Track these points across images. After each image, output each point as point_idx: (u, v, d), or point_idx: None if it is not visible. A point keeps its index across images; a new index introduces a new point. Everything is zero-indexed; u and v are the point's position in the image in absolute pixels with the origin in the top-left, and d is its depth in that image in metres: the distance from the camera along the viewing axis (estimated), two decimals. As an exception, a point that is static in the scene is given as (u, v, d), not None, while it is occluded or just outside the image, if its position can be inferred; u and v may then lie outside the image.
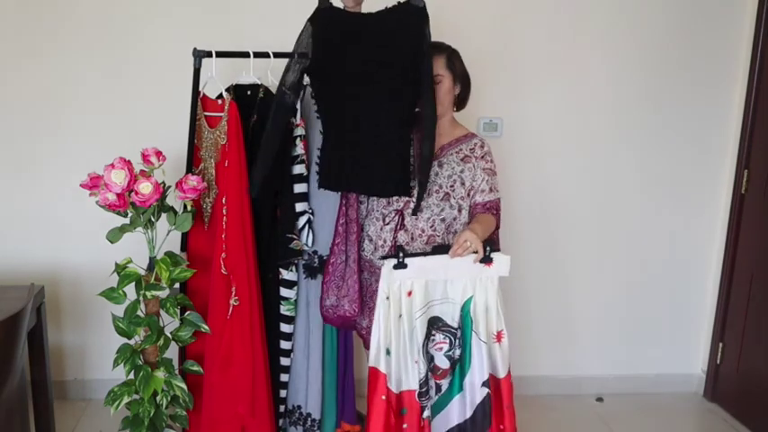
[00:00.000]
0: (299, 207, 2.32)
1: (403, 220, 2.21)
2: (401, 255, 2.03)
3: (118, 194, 2.10)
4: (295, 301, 2.39)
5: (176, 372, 2.32)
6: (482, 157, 2.23)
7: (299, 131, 2.30)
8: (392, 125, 2.08)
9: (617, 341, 3.27)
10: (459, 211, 2.23)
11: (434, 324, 2.13)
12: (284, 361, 2.44)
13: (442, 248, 2.08)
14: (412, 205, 2.19)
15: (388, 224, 2.24)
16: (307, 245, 2.34)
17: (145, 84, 2.83)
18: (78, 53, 2.79)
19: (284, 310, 2.39)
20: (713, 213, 3.19)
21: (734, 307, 3.12)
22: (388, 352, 2.08)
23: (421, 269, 2.05)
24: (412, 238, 2.22)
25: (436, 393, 2.17)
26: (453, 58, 2.19)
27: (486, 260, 2.05)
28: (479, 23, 2.90)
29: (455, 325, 2.13)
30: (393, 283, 2.04)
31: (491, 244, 2.07)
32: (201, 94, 2.33)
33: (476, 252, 2.01)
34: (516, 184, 2.99)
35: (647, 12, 2.96)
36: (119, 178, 2.09)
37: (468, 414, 2.17)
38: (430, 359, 2.14)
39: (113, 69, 2.81)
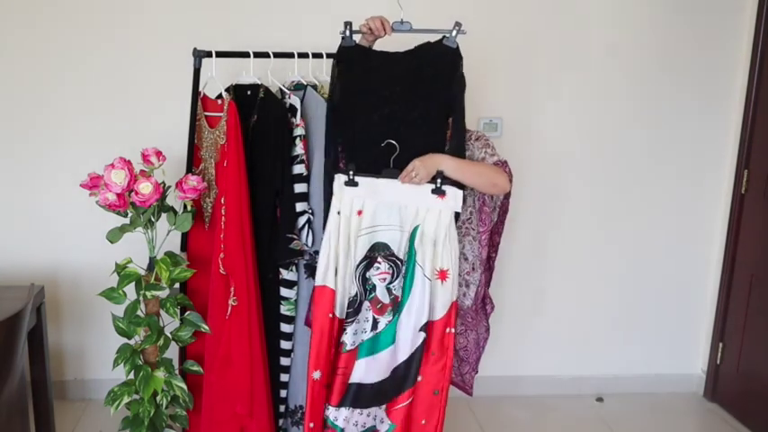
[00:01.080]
0: (299, 207, 2.32)
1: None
2: (351, 172, 1.99)
3: (118, 194, 2.10)
4: (295, 301, 2.39)
5: (176, 372, 2.32)
6: (477, 138, 2.13)
7: (299, 131, 2.30)
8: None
9: (617, 341, 3.27)
10: None
11: (381, 250, 2.06)
12: (284, 361, 2.44)
13: (392, 172, 2.02)
14: None
15: None
16: (307, 245, 2.34)
17: (145, 84, 2.83)
18: (78, 53, 2.79)
19: (284, 310, 2.39)
20: (713, 213, 3.19)
21: (734, 307, 3.12)
22: (336, 271, 2.05)
23: (372, 189, 2.02)
24: None
25: (372, 329, 2.09)
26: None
27: (439, 192, 2.00)
28: (480, 23, 2.89)
29: (401, 256, 2.06)
30: (343, 199, 2.02)
31: (441, 174, 1.99)
32: (201, 94, 2.33)
33: (430, 182, 1.98)
34: (516, 183, 2.97)
35: (647, 12, 2.96)
36: (119, 178, 2.09)
37: (397, 363, 2.08)
38: (371, 288, 2.08)
39: (113, 69, 2.81)
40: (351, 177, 2.01)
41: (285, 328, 2.40)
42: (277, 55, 2.33)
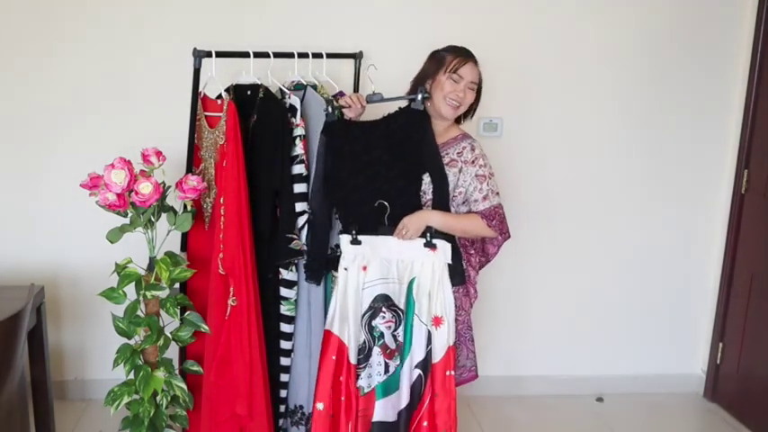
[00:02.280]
0: (299, 207, 2.32)
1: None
2: (353, 232, 2.20)
3: (118, 194, 2.10)
4: (295, 301, 2.39)
5: (176, 372, 2.32)
6: (473, 161, 2.22)
7: (299, 131, 2.30)
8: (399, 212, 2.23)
9: (617, 341, 3.27)
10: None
11: (385, 301, 2.22)
12: (284, 361, 2.44)
13: (387, 230, 2.21)
14: None
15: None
16: (307, 245, 2.34)
17: (145, 84, 2.82)
18: (78, 53, 2.79)
19: (284, 310, 2.39)
20: (713, 213, 3.19)
21: (734, 307, 3.12)
22: (345, 321, 2.22)
23: (373, 246, 2.21)
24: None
25: (385, 373, 2.23)
26: (481, 76, 2.28)
27: (430, 245, 2.18)
28: (480, 23, 2.89)
29: (402, 307, 2.23)
30: (349, 256, 2.22)
31: (430, 230, 2.18)
32: (202, 94, 2.33)
33: (421, 236, 2.17)
34: (516, 184, 2.99)
35: (647, 12, 2.96)
36: (119, 178, 2.09)
37: (402, 406, 2.24)
38: (379, 335, 2.23)
39: (113, 69, 2.81)
40: (354, 236, 2.21)
41: (285, 328, 2.40)
42: (277, 55, 2.34)
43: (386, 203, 2.19)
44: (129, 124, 2.83)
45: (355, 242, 2.21)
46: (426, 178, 2.20)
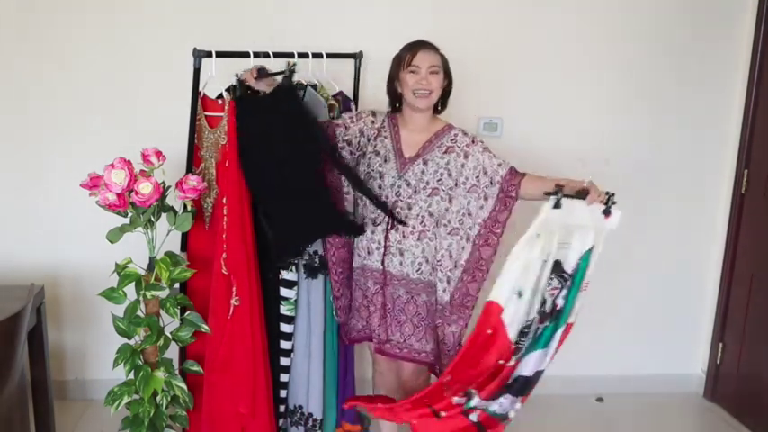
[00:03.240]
0: (300, 207, 2.32)
1: (393, 219, 2.25)
2: (559, 194, 2.10)
3: (118, 194, 2.10)
4: (295, 301, 2.39)
5: (176, 372, 2.32)
6: (472, 143, 2.27)
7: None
8: (311, 179, 2.23)
9: (617, 341, 3.26)
10: (450, 201, 2.25)
11: (555, 268, 2.16)
12: (284, 361, 2.44)
13: (579, 194, 2.14)
14: (399, 204, 2.25)
15: (378, 225, 2.26)
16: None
17: (145, 84, 2.82)
18: (78, 53, 2.79)
19: (284, 310, 2.39)
20: (713, 213, 3.19)
21: (734, 307, 3.12)
22: (519, 294, 2.09)
23: (569, 212, 2.12)
24: (404, 236, 2.24)
25: (534, 336, 2.19)
26: (444, 57, 2.28)
27: (607, 212, 2.12)
28: (480, 24, 2.90)
29: (570, 271, 2.16)
30: (548, 224, 2.10)
31: (612, 196, 2.13)
32: (202, 94, 2.33)
33: (604, 203, 2.13)
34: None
35: (647, 12, 2.96)
36: (119, 178, 2.09)
37: (542, 366, 2.23)
38: (542, 302, 2.16)
39: (113, 69, 2.81)
40: (559, 198, 2.11)
41: (285, 328, 2.40)
42: (277, 55, 2.34)
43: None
44: (129, 124, 2.83)
45: (557, 205, 2.11)
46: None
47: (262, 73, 2.17)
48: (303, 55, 2.41)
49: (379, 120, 2.33)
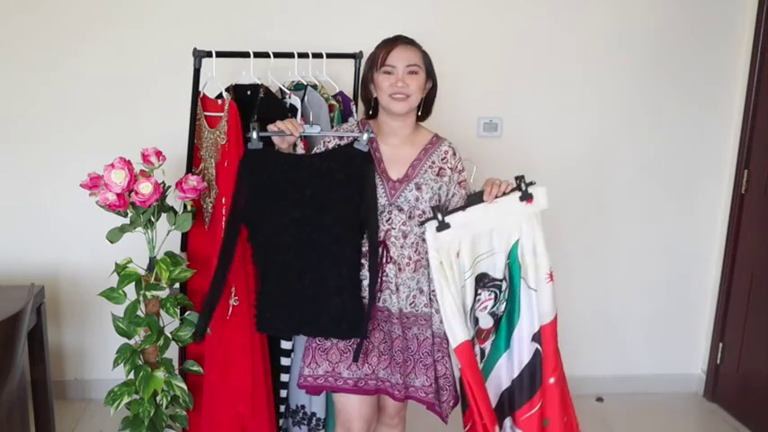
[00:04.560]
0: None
1: (388, 251, 1.99)
2: (439, 215, 1.91)
3: (118, 194, 2.10)
4: (295, 301, 2.39)
5: (176, 372, 2.32)
6: (455, 167, 2.04)
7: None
8: (339, 270, 1.97)
9: (617, 341, 3.27)
10: None
11: (480, 281, 2.00)
12: (285, 361, 2.44)
13: (474, 197, 1.98)
14: (393, 233, 1.98)
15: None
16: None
17: (145, 84, 2.83)
18: (78, 53, 2.79)
19: (284, 310, 2.39)
20: (713, 213, 3.19)
21: (734, 307, 3.12)
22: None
23: (464, 224, 1.94)
24: (400, 269, 2.00)
25: (481, 360, 2.04)
26: (427, 55, 2.02)
27: (526, 197, 1.95)
28: (481, 23, 2.90)
29: (500, 276, 2.01)
30: (441, 248, 1.93)
31: (523, 179, 1.95)
32: (201, 94, 2.33)
33: (514, 189, 1.94)
34: (516, 184, 2.99)
35: (647, 12, 2.96)
36: (119, 178, 2.09)
37: (516, 373, 2.06)
38: (475, 322, 2.02)
39: (113, 69, 2.81)
40: (441, 220, 1.91)
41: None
42: (277, 55, 2.33)
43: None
44: (129, 124, 2.84)
45: (443, 227, 1.91)
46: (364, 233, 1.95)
47: (310, 130, 1.99)
48: (303, 55, 2.41)
49: (349, 130, 2.06)
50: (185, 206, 2.30)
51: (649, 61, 3.01)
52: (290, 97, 2.33)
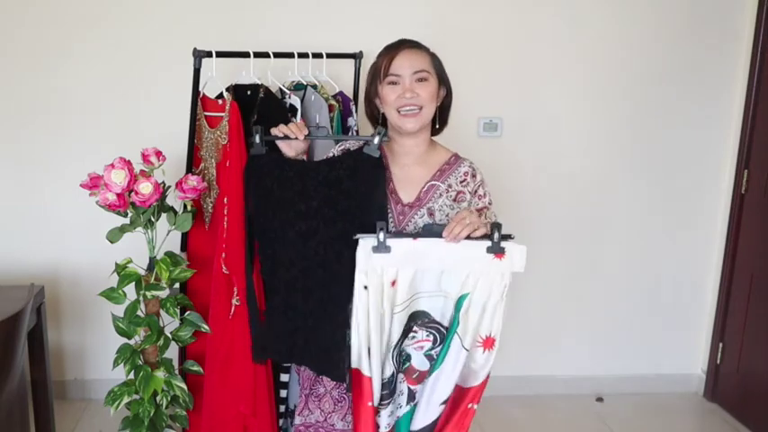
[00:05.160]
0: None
1: None
2: (381, 234, 1.61)
3: (118, 194, 2.10)
4: (295, 301, 2.39)
5: (176, 372, 2.32)
6: (475, 191, 1.79)
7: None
8: (349, 295, 1.74)
9: (617, 341, 3.27)
10: None
11: (417, 319, 1.72)
12: (284, 361, 2.44)
13: (435, 228, 1.66)
14: None
15: None
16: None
17: (145, 84, 2.83)
18: (78, 53, 2.79)
19: (284, 310, 2.39)
20: (713, 213, 3.19)
21: (734, 307, 3.12)
22: (369, 353, 1.71)
23: (409, 255, 1.64)
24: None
25: (408, 402, 1.78)
26: (437, 58, 1.81)
27: (496, 249, 1.63)
28: (481, 23, 2.90)
29: (445, 323, 1.73)
30: (373, 271, 1.65)
31: (499, 228, 1.62)
32: (201, 94, 2.33)
33: (484, 236, 1.62)
34: (515, 183, 2.99)
35: (646, 12, 2.96)
36: (119, 178, 2.09)
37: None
38: (406, 358, 1.77)
39: (113, 69, 2.81)
40: (382, 241, 1.62)
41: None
42: (277, 55, 2.33)
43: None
44: (129, 124, 2.84)
45: (382, 249, 1.63)
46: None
47: (317, 134, 1.85)
48: (303, 55, 2.41)
49: None
50: (185, 206, 2.30)
51: (649, 61, 3.01)
52: (289, 97, 2.33)
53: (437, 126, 1.83)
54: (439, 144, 1.87)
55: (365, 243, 1.66)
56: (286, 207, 1.79)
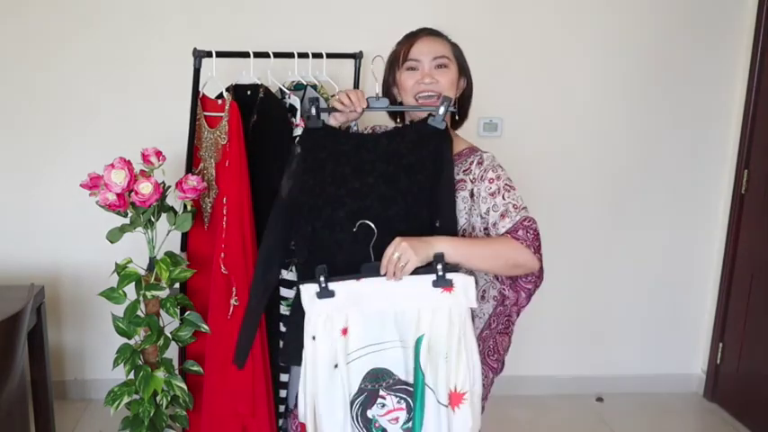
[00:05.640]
0: (299, 207, 2.30)
1: None
2: (322, 278, 1.49)
3: (118, 194, 2.10)
4: (295, 301, 2.39)
5: (176, 372, 2.32)
6: (481, 177, 1.64)
7: (299, 131, 2.30)
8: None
9: (617, 341, 3.27)
10: None
11: (381, 380, 1.52)
12: (284, 361, 2.44)
13: (377, 265, 1.51)
14: None
15: None
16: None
17: (145, 84, 2.83)
18: (78, 53, 2.79)
19: (284, 309, 2.39)
20: (713, 213, 3.19)
21: (734, 307, 3.12)
22: (321, 417, 1.54)
23: (354, 297, 1.51)
24: None
25: None
26: (458, 48, 1.75)
27: (443, 283, 1.47)
28: (480, 23, 2.90)
29: (411, 381, 1.51)
30: (318, 318, 1.51)
31: (440, 258, 1.46)
32: (201, 94, 2.33)
33: (428, 269, 1.47)
34: (515, 184, 2.98)
35: (646, 12, 2.96)
36: (119, 178, 2.09)
37: None
38: (371, 428, 1.55)
39: (113, 69, 2.81)
40: (324, 285, 1.49)
41: (284, 328, 2.40)
42: (277, 55, 2.33)
43: (371, 225, 1.53)
44: (129, 124, 2.84)
45: (325, 294, 1.50)
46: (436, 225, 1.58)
47: (377, 104, 1.69)
48: (303, 55, 2.41)
49: None
50: (185, 206, 2.30)
51: (650, 61, 3.01)
52: (289, 97, 2.33)
53: (457, 118, 1.77)
54: (459, 136, 1.77)
55: (307, 289, 1.53)
56: (337, 183, 1.62)
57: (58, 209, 2.89)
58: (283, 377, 2.46)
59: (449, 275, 1.47)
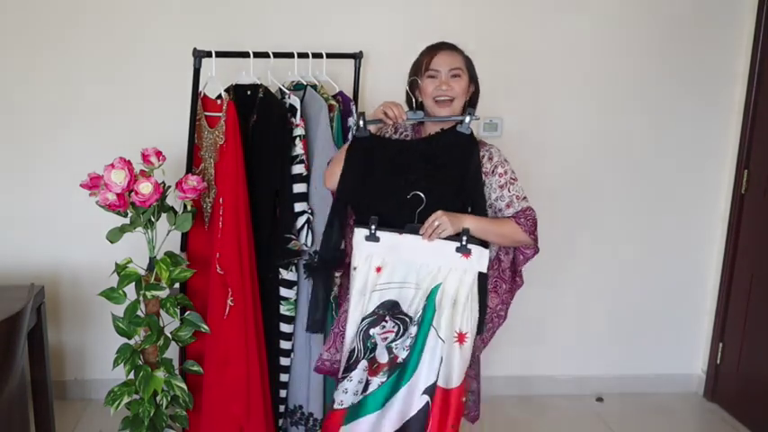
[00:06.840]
0: (298, 207, 2.32)
1: None
2: (373, 228, 1.95)
3: (118, 194, 2.10)
4: (295, 300, 2.39)
5: (176, 372, 2.32)
6: (493, 170, 2.02)
7: (299, 131, 2.30)
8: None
9: (617, 341, 3.27)
10: None
11: (391, 309, 1.96)
12: (284, 361, 2.44)
13: (417, 227, 1.94)
14: None
15: None
16: (306, 245, 2.34)
17: (145, 84, 2.83)
18: (79, 53, 2.79)
19: (284, 309, 2.39)
20: (713, 213, 3.19)
21: (734, 307, 3.12)
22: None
23: (393, 246, 1.95)
24: None
25: (362, 392, 1.95)
26: (470, 60, 2.11)
27: (464, 250, 1.91)
28: (480, 23, 2.90)
29: (411, 314, 1.95)
30: (361, 254, 1.97)
31: (467, 232, 1.91)
32: (201, 94, 2.33)
33: (452, 237, 1.90)
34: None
35: (647, 11, 2.96)
36: (119, 178, 2.09)
37: (394, 428, 1.93)
38: (372, 347, 1.97)
39: (114, 69, 2.81)
40: (372, 232, 1.95)
41: (285, 327, 2.40)
42: (277, 55, 2.34)
43: (421, 195, 1.94)
44: (129, 124, 2.83)
45: (372, 238, 1.95)
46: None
47: (414, 116, 2.08)
48: (303, 55, 2.41)
49: (407, 130, 2.15)
50: (185, 206, 2.31)
51: (649, 61, 3.00)
52: (289, 97, 2.33)
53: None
54: None
55: (360, 232, 1.98)
56: (386, 182, 2.01)
57: (58, 209, 2.89)
58: (283, 377, 2.46)
59: (470, 246, 1.91)
